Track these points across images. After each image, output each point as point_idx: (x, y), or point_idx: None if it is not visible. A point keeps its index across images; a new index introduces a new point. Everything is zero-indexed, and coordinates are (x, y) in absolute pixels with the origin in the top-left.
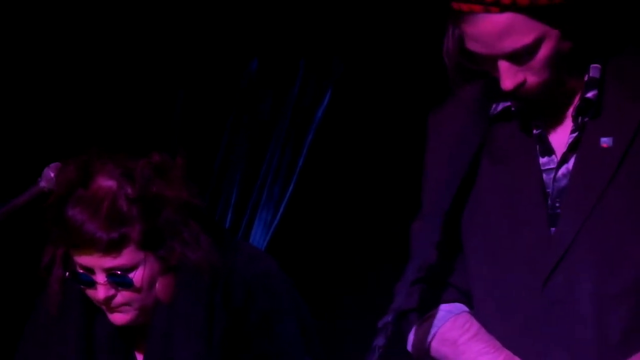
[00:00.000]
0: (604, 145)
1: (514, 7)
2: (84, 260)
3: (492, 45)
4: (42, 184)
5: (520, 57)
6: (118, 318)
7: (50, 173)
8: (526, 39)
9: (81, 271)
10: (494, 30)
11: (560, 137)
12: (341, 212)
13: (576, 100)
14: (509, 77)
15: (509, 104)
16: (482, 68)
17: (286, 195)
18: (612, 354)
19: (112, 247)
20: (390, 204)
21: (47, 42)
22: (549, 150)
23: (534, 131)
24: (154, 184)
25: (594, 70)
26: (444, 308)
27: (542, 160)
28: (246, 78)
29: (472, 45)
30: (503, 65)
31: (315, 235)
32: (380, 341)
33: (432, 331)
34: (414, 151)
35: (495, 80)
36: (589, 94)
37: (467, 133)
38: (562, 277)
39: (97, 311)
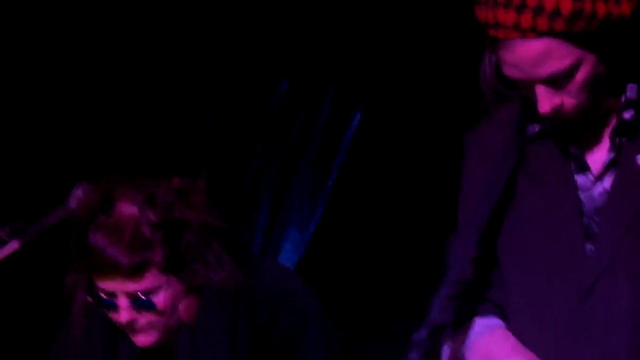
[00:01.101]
0: None
1: (550, 33)
2: (107, 285)
3: (529, 70)
4: (72, 204)
5: (557, 81)
6: (142, 340)
7: (79, 192)
8: (563, 64)
9: (104, 296)
10: (531, 55)
11: (597, 157)
12: (371, 232)
13: (613, 121)
14: (546, 101)
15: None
16: (519, 93)
17: (315, 217)
18: None
19: (135, 272)
20: (421, 225)
21: (78, 62)
22: (585, 169)
23: (571, 150)
24: (176, 208)
25: (631, 91)
26: (479, 322)
27: (579, 179)
28: (276, 99)
29: (508, 71)
30: (540, 89)
31: (346, 256)
32: (414, 356)
33: (468, 345)
34: (442, 172)
35: (532, 102)
36: (627, 115)
37: (504, 151)
38: (599, 294)
39: (121, 334)
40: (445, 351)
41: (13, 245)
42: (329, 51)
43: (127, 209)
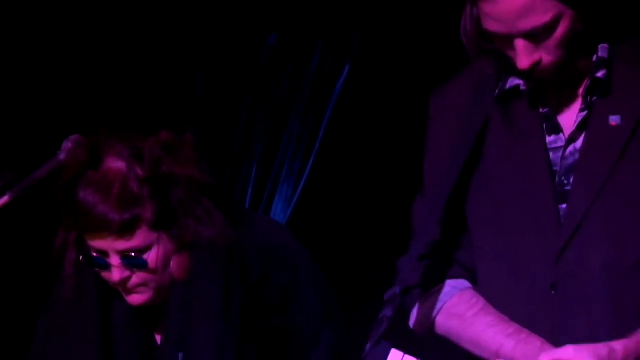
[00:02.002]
0: (613, 123)
1: None
2: (98, 243)
3: (511, 24)
4: (61, 156)
5: (537, 36)
6: (135, 299)
7: (69, 145)
8: (545, 18)
9: (95, 254)
10: (514, 8)
11: (568, 117)
12: (361, 186)
13: (584, 81)
14: (526, 55)
15: (517, 83)
16: (498, 47)
17: (306, 169)
18: (628, 324)
19: (125, 229)
20: (410, 179)
21: (66, 23)
22: (556, 129)
23: (541, 110)
24: (164, 163)
25: (603, 51)
26: (449, 284)
27: (549, 139)
28: (264, 53)
29: (490, 25)
30: (520, 44)
31: (335, 209)
32: (388, 312)
33: (438, 306)
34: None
35: (503, 60)
36: (599, 74)
37: (471, 112)
38: (574, 252)
39: (113, 293)
40: (414, 312)
41: (3, 199)
42: (318, 3)
43: (115, 163)
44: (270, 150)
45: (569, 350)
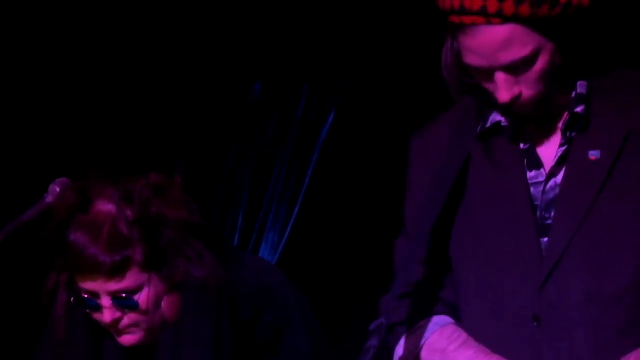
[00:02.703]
0: (592, 157)
1: (515, 19)
2: (88, 285)
3: (492, 56)
4: (49, 199)
5: (517, 68)
6: (126, 339)
7: (56, 188)
8: (525, 51)
9: (86, 296)
10: (495, 41)
11: (548, 152)
12: (348, 230)
13: (564, 116)
14: (506, 89)
15: (497, 119)
16: (478, 81)
17: (292, 216)
18: (609, 353)
19: (115, 271)
20: (395, 224)
21: (56, 60)
22: (537, 164)
23: (521, 146)
24: (153, 204)
25: (581, 87)
26: (432, 320)
27: (530, 174)
28: (250, 101)
29: (470, 59)
30: (500, 77)
31: (323, 254)
32: (374, 342)
33: (421, 342)
34: None
35: (483, 95)
36: (578, 109)
37: (452, 150)
38: (556, 284)
39: (104, 334)
40: (398, 349)
41: None
42: (302, 49)
43: (104, 206)
44: (256, 197)
45: None
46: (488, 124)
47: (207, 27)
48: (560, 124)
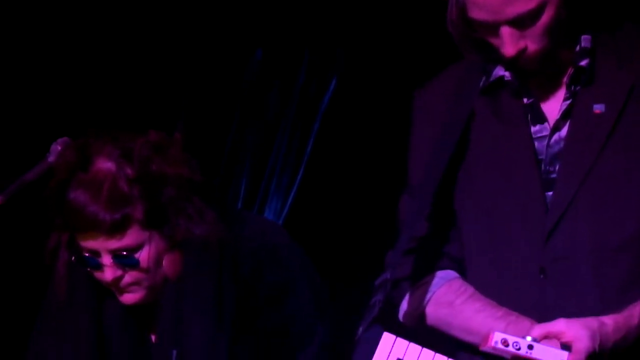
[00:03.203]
0: (597, 111)
1: None
2: (89, 243)
3: (497, 11)
4: (51, 159)
5: (523, 22)
6: (127, 298)
7: (58, 148)
8: (530, 4)
9: (87, 254)
10: None
11: (552, 106)
12: (349, 199)
13: (568, 70)
14: (511, 43)
15: (501, 74)
16: (483, 37)
17: (295, 183)
18: (614, 303)
19: (116, 228)
20: (397, 188)
21: (55, 25)
22: (540, 119)
23: (525, 101)
24: (154, 162)
25: (585, 41)
26: (438, 275)
27: (534, 128)
28: (251, 69)
29: (475, 13)
30: (506, 31)
31: (325, 221)
32: (379, 297)
33: (427, 297)
34: None
35: (488, 50)
36: (582, 63)
37: (455, 106)
38: (561, 236)
39: (106, 294)
40: (404, 304)
41: None
42: (304, 16)
43: (104, 164)
44: (259, 164)
45: (560, 323)
46: (492, 79)
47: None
48: (564, 79)
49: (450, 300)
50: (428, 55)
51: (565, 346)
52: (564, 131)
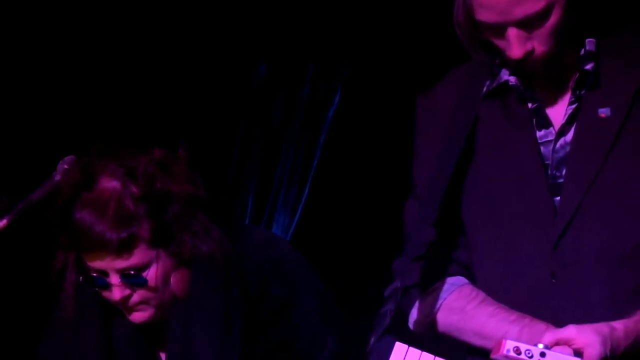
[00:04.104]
0: (603, 115)
1: None
2: (97, 263)
3: (505, 12)
4: (57, 177)
5: (530, 24)
6: (137, 317)
7: (64, 166)
8: (538, 5)
9: (95, 274)
10: None
11: (557, 111)
12: (358, 210)
13: (573, 74)
14: (518, 45)
15: (505, 79)
16: (490, 39)
17: (302, 197)
18: (625, 308)
19: (123, 248)
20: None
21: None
22: (546, 123)
23: (530, 105)
24: (158, 180)
25: (590, 44)
26: (448, 281)
27: (539, 133)
28: (255, 84)
29: (482, 14)
30: (513, 32)
31: (333, 235)
32: (390, 306)
33: (438, 303)
34: None
35: (494, 53)
36: (588, 66)
37: (460, 111)
38: (570, 241)
39: (115, 312)
40: (414, 312)
41: (1, 222)
42: (307, 30)
43: (109, 183)
44: (265, 179)
45: (571, 330)
46: (496, 84)
47: (215, 11)
48: (569, 83)
49: (462, 306)
50: (432, 64)
51: (578, 352)
52: (569, 136)
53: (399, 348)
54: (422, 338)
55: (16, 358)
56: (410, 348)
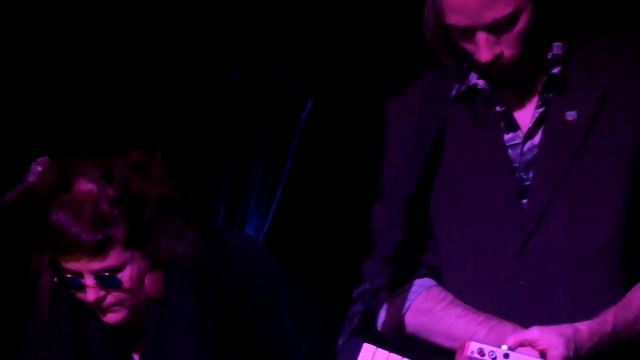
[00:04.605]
0: (569, 118)
1: None
2: (72, 265)
3: (475, 15)
4: (31, 178)
5: (499, 28)
6: (111, 318)
7: (38, 168)
8: (507, 9)
9: (69, 276)
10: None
11: (525, 114)
12: (330, 212)
13: (541, 78)
14: (487, 48)
15: (473, 82)
16: (458, 43)
17: (275, 199)
18: (588, 309)
19: (98, 250)
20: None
21: (52, 46)
22: (513, 127)
23: (498, 108)
24: (134, 182)
25: (557, 48)
26: (416, 283)
27: (507, 136)
28: (229, 88)
29: (452, 18)
30: (482, 36)
31: (306, 237)
32: (358, 308)
33: (406, 305)
34: None
35: (463, 56)
36: (555, 70)
37: (427, 116)
38: (535, 244)
39: (89, 314)
40: (382, 313)
41: None
42: (279, 35)
43: (85, 186)
44: (238, 181)
45: (534, 332)
46: (465, 87)
47: (191, 19)
48: (537, 86)
49: (430, 307)
50: (403, 69)
51: (542, 354)
52: (537, 138)
53: (367, 349)
54: (390, 339)
55: None
56: (378, 349)
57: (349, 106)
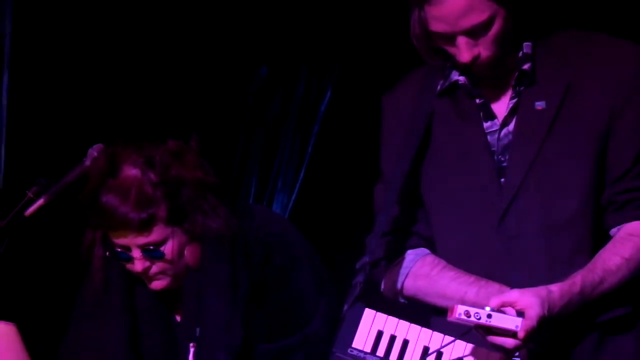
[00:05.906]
0: (539, 107)
1: None
2: (121, 240)
3: (454, 23)
4: (87, 162)
5: (476, 33)
6: (156, 285)
7: (93, 153)
8: (483, 16)
9: (119, 249)
10: (457, 9)
11: (501, 105)
12: (347, 191)
13: (513, 74)
14: (466, 50)
15: (456, 78)
16: (442, 46)
17: (298, 180)
18: (561, 272)
19: (143, 226)
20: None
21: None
22: (491, 116)
23: (477, 101)
24: (173, 167)
25: (527, 47)
26: (410, 253)
27: (486, 124)
28: (256, 83)
29: (435, 26)
30: (462, 40)
31: (326, 212)
32: (360, 278)
33: (404, 272)
34: None
35: (446, 57)
36: (525, 66)
37: (418, 107)
38: (513, 216)
39: (136, 282)
40: (383, 281)
41: (39, 201)
42: (302, 36)
43: (131, 171)
44: (266, 165)
45: (514, 294)
46: (448, 83)
47: (223, 20)
48: (510, 81)
49: (427, 272)
50: (407, 67)
51: (520, 313)
52: (511, 126)
53: (368, 314)
54: (389, 304)
55: (51, 324)
56: (378, 313)
57: (362, 99)
